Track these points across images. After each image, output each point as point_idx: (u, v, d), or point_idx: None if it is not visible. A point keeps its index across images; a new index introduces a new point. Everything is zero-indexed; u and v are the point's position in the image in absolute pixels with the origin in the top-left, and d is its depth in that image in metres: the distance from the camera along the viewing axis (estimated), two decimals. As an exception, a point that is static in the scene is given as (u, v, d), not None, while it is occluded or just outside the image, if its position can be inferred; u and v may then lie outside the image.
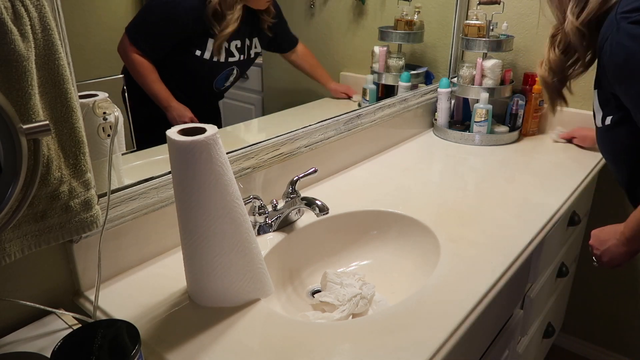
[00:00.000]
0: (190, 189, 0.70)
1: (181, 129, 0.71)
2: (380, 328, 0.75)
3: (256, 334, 0.74)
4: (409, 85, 1.55)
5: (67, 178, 0.70)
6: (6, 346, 0.72)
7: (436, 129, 1.64)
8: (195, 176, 0.70)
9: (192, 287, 0.79)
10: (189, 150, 0.68)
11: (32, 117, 0.62)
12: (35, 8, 0.62)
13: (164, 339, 0.72)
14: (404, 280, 0.99)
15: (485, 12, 1.52)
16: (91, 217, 0.74)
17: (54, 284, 0.81)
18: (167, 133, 0.70)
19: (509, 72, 1.57)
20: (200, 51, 1.08)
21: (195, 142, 0.68)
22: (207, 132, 0.70)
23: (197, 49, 1.08)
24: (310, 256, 1.04)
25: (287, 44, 1.34)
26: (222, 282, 0.76)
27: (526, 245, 0.98)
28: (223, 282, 0.76)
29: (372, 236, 1.11)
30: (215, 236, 0.73)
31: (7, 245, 0.67)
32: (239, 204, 0.74)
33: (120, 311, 0.78)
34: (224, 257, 0.74)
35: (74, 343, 0.60)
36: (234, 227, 0.74)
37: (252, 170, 1.06)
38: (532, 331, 1.28)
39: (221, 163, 0.71)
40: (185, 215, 0.73)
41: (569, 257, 1.48)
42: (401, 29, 1.54)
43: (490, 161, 1.41)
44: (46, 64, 0.64)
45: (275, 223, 1.01)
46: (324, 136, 1.23)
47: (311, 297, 0.97)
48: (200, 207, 0.71)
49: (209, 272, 0.75)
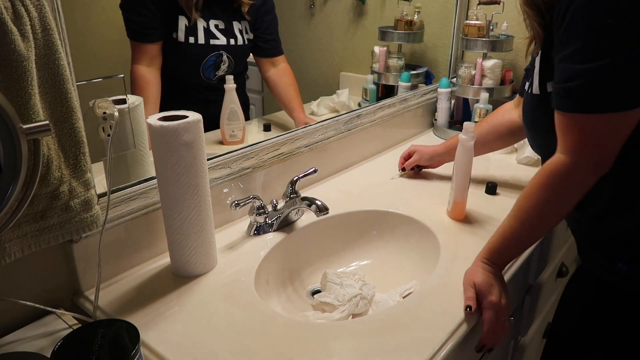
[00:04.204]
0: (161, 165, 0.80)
1: (163, 115, 0.81)
2: (380, 328, 0.75)
3: (256, 334, 0.74)
4: (409, 85, 1.55)
5: (67, 178, 0.70)
6: (6, 346, 0.72)
7: (436, 129, 1.64)
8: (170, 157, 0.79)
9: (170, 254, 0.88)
10: (160, 133, 0.78)
11: (32, 117, 0.62)
12: (36, 8, 0.62)
13: (164, 339, 0.72)
14: (404, 280, 0.99)
15: (485, 12, 1.52)
16: (91, 217, 0.74)
17: (54, 284, 0.81)
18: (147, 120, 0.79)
19: (509, 72, 1.57)
20: (176, 32, 1.02)
21: (164, 127, 0.77)
22: (176, 120, 0.78)
23: (173, 30, 1.02)
24: (310, 256, 1.04)
25: (270, 48, 1.21)
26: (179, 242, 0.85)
27: (526, 245, 0.98)
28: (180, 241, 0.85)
29: (372, 236, 1.11)
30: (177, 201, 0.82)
31: (7, 245, 0.67)
32: (202, 176, 0.83)
33: (120, 311, 0.78)
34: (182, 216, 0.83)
35: (74, 343, 0.60)
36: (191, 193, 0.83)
37: (252, 170, 1.06)
38: (532, 331, 1.28)
39: (192, 148, 0.79)
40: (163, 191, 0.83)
41: (569, 257, 1.48)
42: (401, 29, 1.54)
43: (491, 161, 1.41)
44: (46, 64, 0.64)
45: (275, 223, 1.01)
46: (324, 136, 1.23)
47: (311, 297, 0.97)
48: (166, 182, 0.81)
49: (169, 227, 0.84)
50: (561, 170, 0.74)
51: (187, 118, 0.79)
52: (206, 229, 0.86)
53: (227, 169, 1.01)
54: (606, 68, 0.66)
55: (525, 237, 0.82)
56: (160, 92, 1.04)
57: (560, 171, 0.74)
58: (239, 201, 0.95)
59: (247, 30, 1.13)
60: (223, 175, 1.00)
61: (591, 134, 0.71)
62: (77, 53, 0.73)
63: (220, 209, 1.01)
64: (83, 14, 0.95)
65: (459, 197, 1.05)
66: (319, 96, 1.49)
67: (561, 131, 0.74)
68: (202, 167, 0.82)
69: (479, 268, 0.82)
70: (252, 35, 1.14)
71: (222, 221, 1.04)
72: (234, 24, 1.10)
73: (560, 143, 0.75)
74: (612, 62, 0.65)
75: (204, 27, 1.04)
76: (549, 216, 0.79)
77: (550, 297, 1.42)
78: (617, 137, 0.70)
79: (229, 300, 0.81)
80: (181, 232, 0.83)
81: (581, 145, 0.72)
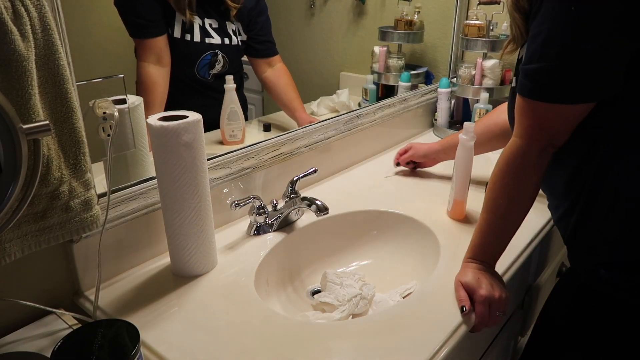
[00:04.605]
0: (161, 165, 0.81)
1: (163, 116, 0.81)
2: (380, 328, 0.75)
3: (256, 334, 0.74)
4: (409, 85, 1.55)
5: (67, 178, 0.70)
6: (6, 346, 0.72)
7: (436, 129, 1.64)
8: (169, 156, 0.80)
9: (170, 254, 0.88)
10: (160, 134, 0.78)
11: (32, 117, 0.62)
12: (35, 8, 0.62)
13: (164, 339, 0.72)
14: (404, 280, 0.99)
15: (485, 12, 1.52)
16: (91, 217, 0.74)
17: (54, 284, 0.81)
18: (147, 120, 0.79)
19: (509, 72, 1.57)
20: (172, 29, 1.02)
21: (164, 127, 0.77)
22: (176, 120, 0.79)
23: (169, 27, 1.02)
24: (310, 256, 1.04)
25: (265, 49, 1.21)
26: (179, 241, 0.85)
27: (526, 245, 0.98)
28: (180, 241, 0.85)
29: (372, 236, 1.11)
30: (177, 201, 0.82)
31: (7, 245, 0.67)
32: (203, 176, 0.83)
33: (120, 311, 0.78)
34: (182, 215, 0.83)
35: (74, 343, 0.60)
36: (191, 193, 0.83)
37: (252, 170, 1.06)
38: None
39: (192, 148, 0.80)
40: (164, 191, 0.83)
41: (569, 257, 1.49)
42: (401, 29, 1.54)
43: (491, 161, 1.41)
44: (46, 64, 0.64)
45: (275, 223, 1.01)
46: (324, 136, 1.23)
47: (311, 297, 0.97)
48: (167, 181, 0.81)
49: (169, 227, 0.85)
50: (516, 154, 0.77)
51: (187, 118, 0.79)
52: (206, 229, 0.86)
53: (227, 169, 1.01)
54: (563, 56, 0.67)
55: (501, 227, 0.83)
56: (167, 92, 1.03)
57: (515, 155, 0.78)
58: (239, 201, 0.95)
59: (239, 31, 1.13)
60: (223, 175, 1.00)
61: (542, 119, 0.74)
62: (77, 53, 0.73)
63: (220, 209, 1.01)
64: (83, 14, 0.95)
65: (459, 196, 1.06)
66: (319, 96, 1.49)
67: (518, 114, 0.77)
68: (202, 167, 0.82)
69: (466, 269, 0.83)
70: (245, 36, 1.14)
71: (222, 221, 1.04)
72: (227, 24, 1.11)
73: (516, 126, 0.78)
74: (571, 50, 0.66)
75: (199, 25, 1.05)
76: (516, 200, 0.81)
77: (550, 297, 1.42)
78: (566, 125, 0.73)
79: (229, 300, 0.81)
80: (181, 232, 0.83)
81: (532, 129, 0.75)
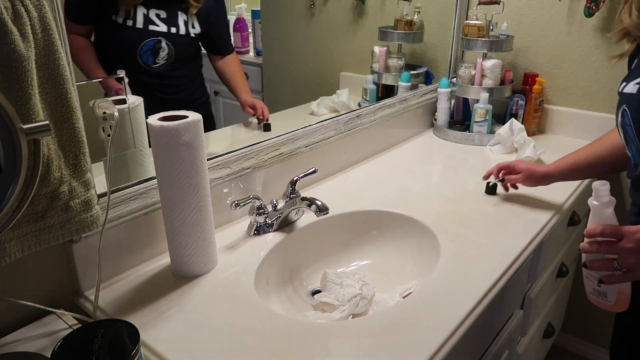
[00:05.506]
0: (161, 165, 0.81)
1: (163, 116, 0.81)
2: (380, 328, 0.75)
3: (256, 334, 0.74)
4: (409, 85, 1.55)
5: (67, 178, 0.70)
6: (6, 346, 0.72)
7: (436, 129, 1.64)
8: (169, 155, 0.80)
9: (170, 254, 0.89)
10: (160, 134, 0.78)
11: (32, 117, 0.62)
12: (35, 8, 0.62)
13: (164, 339, 0.72)
14: (404, 280, 0.99)
15: (485, 12, 1.52)
16: (91, 217, 0.74)
17: (54, 284, 0.81)
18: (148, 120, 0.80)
19: (508, 72, 1.57)
20: (115, 14, 1.04)
21: (164, 127, 0.77)
22: (176, 121, 0.79)
23: (112, 12, 1.04)
24: (310, 256, 1.04)
25: (222, 46, 1.28)
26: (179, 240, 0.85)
27: (526, 245, 0.98)
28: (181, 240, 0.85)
29: (372, 236, 1.11)
30: (177, 201, 0.83)
31: (7, 245, 0.67)
32: (203, 176, 0.84)
33: (120, 311, 0.78)
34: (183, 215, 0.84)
35: (74, 343, 0.60)
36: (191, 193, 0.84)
37: (252, 170, 1.06)
38: (532, 331, 1.28)
39: (192, 148, 0.80)
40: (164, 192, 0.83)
41: (569, 257, 1.48)
42: (401, 29, 1.54)
43: (491, 161, 1.41)
44: (46, 64, 0.64)
45: (275, 223, 1.01)
46: (324, 136, 1.23)
47: (311, 297, 0.97)
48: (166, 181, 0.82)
49: (169, 227, 0.85)
50: None
51: (187, 118, 0.79)
52: (206, 229, 0.86)
53: (227, 169, 1.01)
54: None
55: None
56: (95, 54, 1.04)
57: None
58: (239, 201, 0.95)
59: (193, 24, 1.15)
60: (223, 176, 1.00)
61: None
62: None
63: (220, 209, 1.01)
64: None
65: (623, 287, 0.85)
66: (319, 96, 1.49)
67: None
68: (202, 167, 0.82)
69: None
70: (199, 30, 1.16)
71: (222, 221, 1.04)
72: (178, 13, 1.13)
73: None
74: None
75: (143, 13, 1.07)
76: None
77: (550, 297, 1.42)
78: None
79: (229, 300, 0.81)
80: (181, 232, 0.83)
81: None
